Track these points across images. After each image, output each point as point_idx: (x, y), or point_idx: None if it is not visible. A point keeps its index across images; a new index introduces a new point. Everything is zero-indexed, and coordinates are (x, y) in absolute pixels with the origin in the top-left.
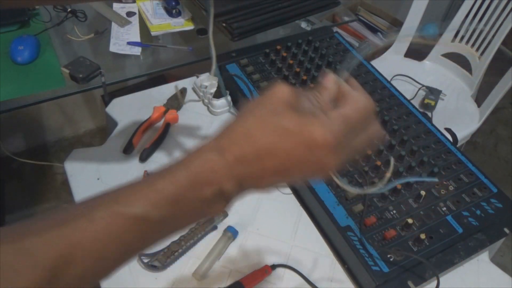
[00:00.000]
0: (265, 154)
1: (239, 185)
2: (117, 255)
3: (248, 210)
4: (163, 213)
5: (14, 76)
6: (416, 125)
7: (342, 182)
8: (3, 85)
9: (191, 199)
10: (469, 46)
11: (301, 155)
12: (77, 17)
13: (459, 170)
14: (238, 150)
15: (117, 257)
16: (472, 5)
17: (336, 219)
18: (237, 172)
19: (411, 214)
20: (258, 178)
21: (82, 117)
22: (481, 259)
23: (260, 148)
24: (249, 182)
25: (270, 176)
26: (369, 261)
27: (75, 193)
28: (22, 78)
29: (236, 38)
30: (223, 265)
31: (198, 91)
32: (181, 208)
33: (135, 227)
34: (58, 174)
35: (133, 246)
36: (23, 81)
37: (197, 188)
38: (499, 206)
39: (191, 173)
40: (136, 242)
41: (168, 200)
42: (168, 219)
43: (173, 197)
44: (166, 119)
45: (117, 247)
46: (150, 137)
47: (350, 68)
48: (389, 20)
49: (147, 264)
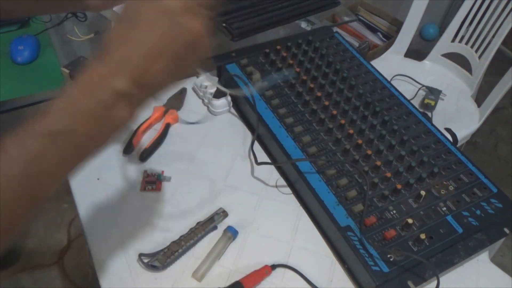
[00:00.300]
0: (137, 41)
1: (132, 82)
2: (41, 176)
3: (248, 210)
4: (69, 125)
5: (14, 76)
6: (416, 125)
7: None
8: (3, 85)
9: (89, 105)
10: (469, 46)
11: (164, 26)
12: (77, 17)
13: (459, 170)
14: (115, 50)
15: (43, 181)
16: (472, 5)
17: (336, 219)
18: (123, 69)
19: (411, 214)
20: (144, 68)
21: None
22: (481, 259)
23: (132, 39)
24: (140, 75)
25: (153, 62)
26: (369, 261)
27: (75, 193)
28: (22, 78)
29: (236, 38)
30: (223, 265)
31: (198, 91)
32: (84, 117)
33: (50, 144)
34: None
35: (53, 164)
36: (23, 81)
37: (90, 94)
38: (499, 206)
39: (80, 84)
40: (57, 161)
41: (68, 112)
42: (78, 131)
43: (71, 108)
44: (166, 119)
45: (39, 168)
46: (150, 137)
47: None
48: (389, 20)
49: (147, 264)
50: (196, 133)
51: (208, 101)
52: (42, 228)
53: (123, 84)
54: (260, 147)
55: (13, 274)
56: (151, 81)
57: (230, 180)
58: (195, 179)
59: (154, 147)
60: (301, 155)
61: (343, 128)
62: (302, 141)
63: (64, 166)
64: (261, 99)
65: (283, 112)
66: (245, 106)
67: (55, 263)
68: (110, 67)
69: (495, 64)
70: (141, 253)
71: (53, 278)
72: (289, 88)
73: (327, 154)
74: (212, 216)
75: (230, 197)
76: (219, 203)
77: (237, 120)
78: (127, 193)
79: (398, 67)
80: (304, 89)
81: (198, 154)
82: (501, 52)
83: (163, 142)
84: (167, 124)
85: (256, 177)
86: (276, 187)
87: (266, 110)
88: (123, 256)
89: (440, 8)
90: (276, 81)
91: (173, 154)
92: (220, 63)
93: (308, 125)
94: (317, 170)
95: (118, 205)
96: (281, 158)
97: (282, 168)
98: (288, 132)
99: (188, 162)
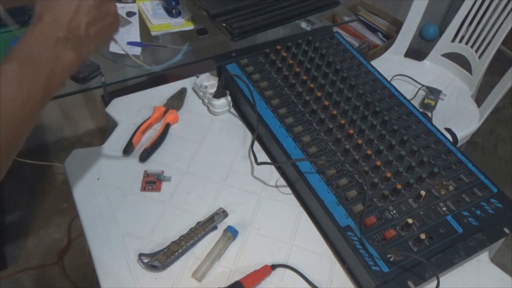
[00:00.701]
0: (64, 5)
1: (67, 31)
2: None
3: (248, 210)
4: (35, 57)
5: None
6: (416, 125)
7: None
8: None
9: (44, 52)
10: (469, 46)
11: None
12: None
13: (459, 170)
14: (50, 13)
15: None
16: (472, 5)
17: (336, 219)
18: (58, 23)
19: (411, 214)
20: (73, 20)
21: (82, 117)
22: (481, 259)
23: (59, 5)
24: (70, 25)
25: (77, 17)
26: (369, 261)
27: (75, 193)
28: None
29: (236, 38)
30: (223, 265)
31: (198, 91)
32: (37, 58)
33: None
34: (58, 174)
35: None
36: None
37: (42, 44)
38: (499, 206)
39: (33, 37)
40: (32, 84)
41: (24, 54)
42: (42, 66)
43: (26, 52)
44: (166, 119)
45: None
46: (150, 137)
47: None
48: (389, 20)
49: (147, 264)
50: (196, 133)
51: (208, 101)
52: (42, 228)
53: (61, 33)
54: (260, 147)
55: (13, 274)
56: (80, 31)
57: (230, 180)
58: (195, 179)
59: (154, 147)
60: (301, 155)
61: (343, 128)
62: (302, 141)
63: (37, 89)
64: (261, 99)
65: (283, 112)
66: (245, 106)
67: (55, 263)
68: (50, 24)
69: (495, 64)
70: (141, 253)
71: (53, 278)
72: (289, 88)
73: (327, 154)
74: (212, 216)
75: (230, 197)
76: (219, 203)
77: (237, 120)
78: (127, 193)
79: (398, 67)
80: (304, 89)
81: (198, 154)
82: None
83: (163, 142)
84: (167, 124)
85: (256, 177)
86: (276, 187)
87: (266, 110)
88: (123, 256)
89: (440, 8)
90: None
91: (173, 154)
92: (220, 63)
93: (308, 125)
94: (317, 170)
95: (118, 205)
96: (281, 158)
97: (282, 168)
98: (288, 132)
99: (188, 162)
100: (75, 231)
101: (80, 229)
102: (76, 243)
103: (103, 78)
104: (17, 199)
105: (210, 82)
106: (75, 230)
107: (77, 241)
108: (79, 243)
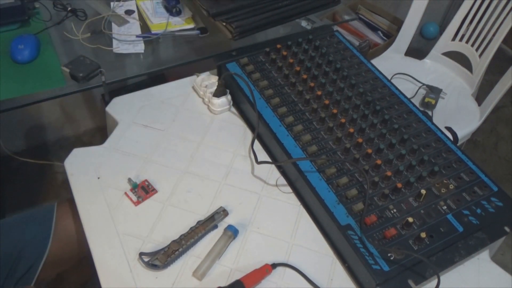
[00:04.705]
0: None
1: None
2: None
3: (248, 209)
4: None
5: (14, 75)
6: (416, 124)
7: None
8: (3, 84)
9: None
10: (470, 45)
11: None
12: (77, 16)
13: (460, 168)
14: None
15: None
16: (472, 3)
17: (337, 218)
18: None
19: (411, 213)
20: None
21: (82, 116)
22: (481, 258)
23: None
24: None
25: None
26: (369, 260)
27: (75, 192)
28: (22, 77)
29: (236, 37)
30: (224, 264)
31: (198, 90)
32: None
33: None
34: (59, 173)
35: None
36: (23, 80)
37: None
38: (499, 205)
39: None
40: None
41: None
42: None
43: None
44: None
45: None
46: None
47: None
48: (389, 19)
49: (147, 263)
50: (196, 132)
51: (208, 100)
52: None
53: None
54: (261, 146)
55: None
56: None
57: (231, 179)
58: (195, 178)
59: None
60: (302, 154)
61: (343, 127)
62: (302, 140)
63: None
64: (261, 98)
65: (283, 111)
66: (245, 105)
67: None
68: None
69: (496, 62)
70: (142, 252)
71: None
72: (289, 87)
73: (327, 153)
74: (212, 215)
75: (231, 196)
76: (219, 202)
77: (237, 119)
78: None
79: (399, 65)
80: (304, 88)
81: (198, 154)
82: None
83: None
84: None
85: (257, 176)
86: (276, 186)
87: (266, 108)
88: (124, 255)
89: (441, 6)
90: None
91: (173, 153)
92: (220, 62)
93: (308, 124)
94: (318, 169)
95: (119, 204)
96: (281, 157)
97: (282, 167)
98: (288, 131)
99: (189, 161)
100: None
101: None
102: None
103: (104, 77)
104: (17, 199)
105: (210, 81)
106: None
107: None
108: None
